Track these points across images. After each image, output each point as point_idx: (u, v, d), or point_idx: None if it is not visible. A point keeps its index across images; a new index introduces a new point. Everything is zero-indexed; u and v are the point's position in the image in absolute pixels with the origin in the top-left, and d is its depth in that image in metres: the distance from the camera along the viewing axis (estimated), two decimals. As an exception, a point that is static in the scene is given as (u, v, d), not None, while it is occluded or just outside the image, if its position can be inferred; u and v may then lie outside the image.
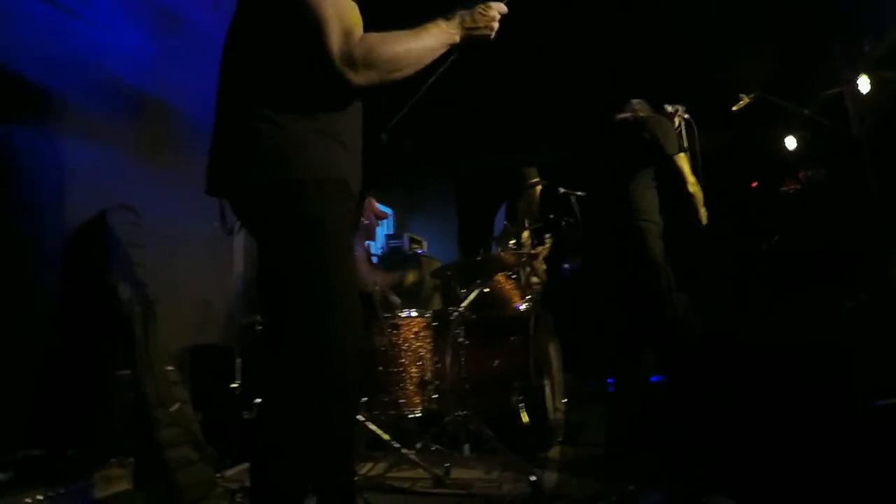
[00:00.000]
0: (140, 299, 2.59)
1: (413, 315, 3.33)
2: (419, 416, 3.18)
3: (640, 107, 3.35)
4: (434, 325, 3.40)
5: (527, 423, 3.25)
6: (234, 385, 3.08)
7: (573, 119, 5.34)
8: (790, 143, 5.64)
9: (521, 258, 3.91)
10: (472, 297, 3.50)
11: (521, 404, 3.28)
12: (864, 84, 4.52)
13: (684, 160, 3.19)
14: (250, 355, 3.13)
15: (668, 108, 3.42)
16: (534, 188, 4.61)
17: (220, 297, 3.74)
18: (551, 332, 3.96)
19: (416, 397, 3.18)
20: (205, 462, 2.58)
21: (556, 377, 3.83)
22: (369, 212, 3.94)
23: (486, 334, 3.55)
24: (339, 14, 1.54)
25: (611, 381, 3.82)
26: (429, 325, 3.36)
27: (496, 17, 1.76)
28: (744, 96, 4.00)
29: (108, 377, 2.45)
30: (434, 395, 3.23)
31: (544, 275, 4.76)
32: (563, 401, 3.86)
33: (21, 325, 2.39)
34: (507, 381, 3.35)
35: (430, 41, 1.66)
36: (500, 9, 1.78)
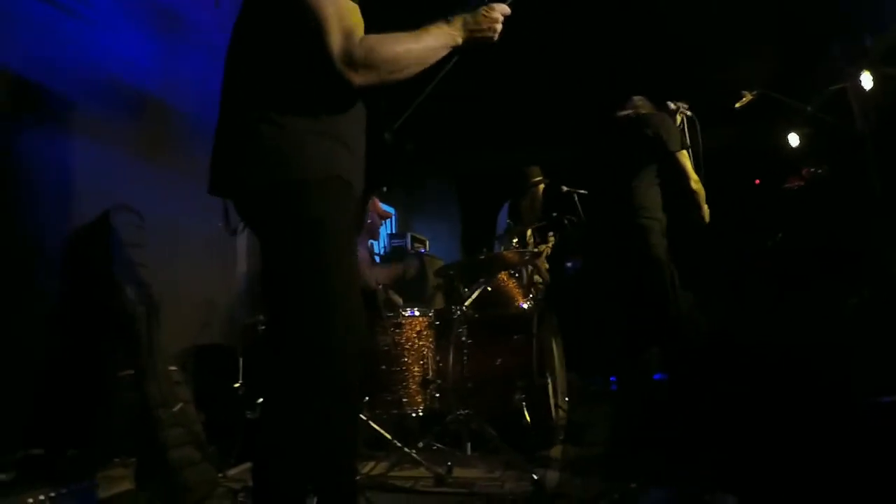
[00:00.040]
0: (143, 299, 2.60)
1: (416, 314, 3.32)
2: (421, 414, 3.18)
3: (641, 103, 3.35)
4: (437, 323, 3.39)
5: (529, 422, 3.24)
6: (236, 385, 3.08)
7: (575, 118, 5.34)
8: (793, 139, 5.62)
9: (525, 256, 3.91)
10: (474, 295, 3.49)
11: (523, 403, 3.27)
12: (866, 80, 4.50)
13: (686, 157, 3.18)
14: (253, 355, 3.13)
15: (671, 105, 3.42)
16: (536, 187, 4.60)
17: (223, 296, 3.74)
18: (555, 331, 3.95)
19: (419, 396, 3.17)
20: (207, 462, 2.58)
21: (558, 376, 3.82)
22: (373, 211, 3.94)
23: (489, 333, 3.54)
24: (340, 14, 1.54)
25: (613, 379, 3.82)
26: (431, 323, 3.36)
27: (499, 20, 1.75)
28: (746, 93, 4.00)
29: (110, 377, 2.46)
30: (436, 394, 3.22)
31: (547, 273, 4.76)
32: (566, 399, 3.85)
33: (22, 324, 2.39)
34: (509, 380, 3.34)
35: (431, 42, 1.66)
36: (503, 10, 1.77)
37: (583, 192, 4.30)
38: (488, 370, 3.38)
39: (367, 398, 3.08)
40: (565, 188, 4.37)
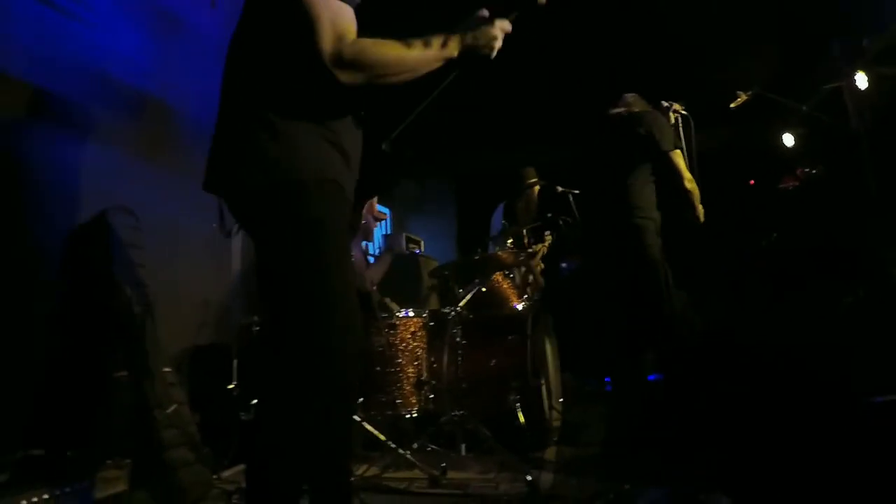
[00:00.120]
0: (140, 299, 2.60)
1: (410, 315, 3.33)
2: (416, 416, 3.18)
3: (634, 101, 3.33)
4: (431, 324, 3.39)
5: (523, 422, 3.24)
6: (230, 386, 3.08)
7: (573, 119, 5.33)
8: (788, 139, 5.63)
9: (519, 257, 3.91)
10: (469, 296, 3.49)
11: (517, 404, 3.27)
12: (861, 80, 4.51)
13: (680, 156, 3.18)
14: (247, 356, 3.13)
15: (664, 104, 3.42)
16: (532, 188, 4.61)
17: (220, 297, 3.75)
18: (549, 332, 3.95)
19: (413, 397, 3.18)
20: (202, 463, 2.58)
21: (552, 377, 3.82)
22: (367, 213, 3.95)
23: (484, 334, 3.54)
24: (332, 14, 1.56)
25: (608, 379, 3.82)
26: (426, 324, 3.36)
27: (498, 37, 1.76)
28: (741, 93, 4.01)
29: (108, 378, 2.46)
30: (431, 395, 3.23)
31: (541, 275, 4.75)
32: (560, 400, 3.85)
33: (21, 325, 2.39)
34: (504, 380, 3.34)
35: (424, 52, 1.67)
36: (503, 27, 1.78)
37: (577, 192, 4.30)
38: (483, 371, 3.39)
39: (361, 399, 3.08)
40: (560, 188, 4.37)
